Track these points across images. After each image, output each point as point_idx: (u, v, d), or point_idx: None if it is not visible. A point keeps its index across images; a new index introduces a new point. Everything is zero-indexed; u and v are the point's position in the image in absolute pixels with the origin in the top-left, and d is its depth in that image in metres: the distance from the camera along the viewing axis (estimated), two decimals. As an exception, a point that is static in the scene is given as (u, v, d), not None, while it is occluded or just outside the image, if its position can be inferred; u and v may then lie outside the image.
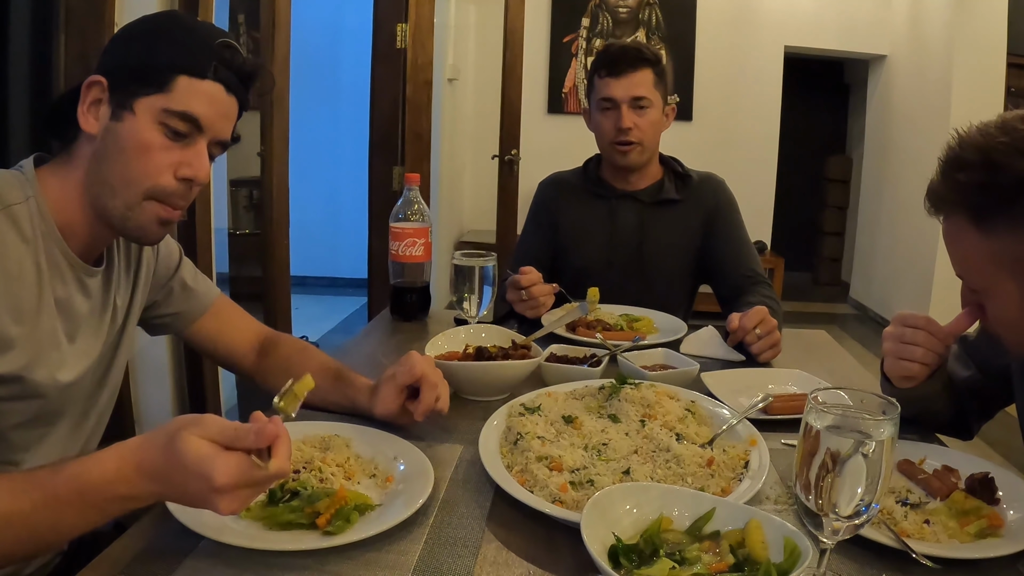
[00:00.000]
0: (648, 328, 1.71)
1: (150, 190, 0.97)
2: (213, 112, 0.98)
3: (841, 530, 0.73)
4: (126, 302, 1.13)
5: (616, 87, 1.87)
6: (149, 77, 0.95)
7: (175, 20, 1.02)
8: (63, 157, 1.01)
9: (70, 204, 0.99)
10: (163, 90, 0.95)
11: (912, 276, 5.33)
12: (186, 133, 0.97)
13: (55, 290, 0.98)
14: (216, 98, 0.98)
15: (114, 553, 0.81)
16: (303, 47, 3.79)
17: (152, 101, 0.95)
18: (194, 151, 0.98)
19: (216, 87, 0.98)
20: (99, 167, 0.97)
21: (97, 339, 1.07)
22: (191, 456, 0.74)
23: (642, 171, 1.96)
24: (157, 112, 0.95)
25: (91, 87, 0.96)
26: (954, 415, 1.24)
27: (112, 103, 0.96)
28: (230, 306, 1.31)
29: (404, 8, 3.32)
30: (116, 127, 0.96)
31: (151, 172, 0.96)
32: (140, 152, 0.96)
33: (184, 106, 0.96)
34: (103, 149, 0.97)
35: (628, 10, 5.68)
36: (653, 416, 1.11)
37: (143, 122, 0.95)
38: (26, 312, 0.93)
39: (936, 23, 5.13)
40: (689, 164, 2.04)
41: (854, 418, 0.73)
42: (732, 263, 1.91)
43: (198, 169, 0.98)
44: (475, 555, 0.83)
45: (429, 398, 1.10)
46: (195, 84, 0.96)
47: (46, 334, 0.96)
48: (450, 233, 5.34)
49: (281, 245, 3.06)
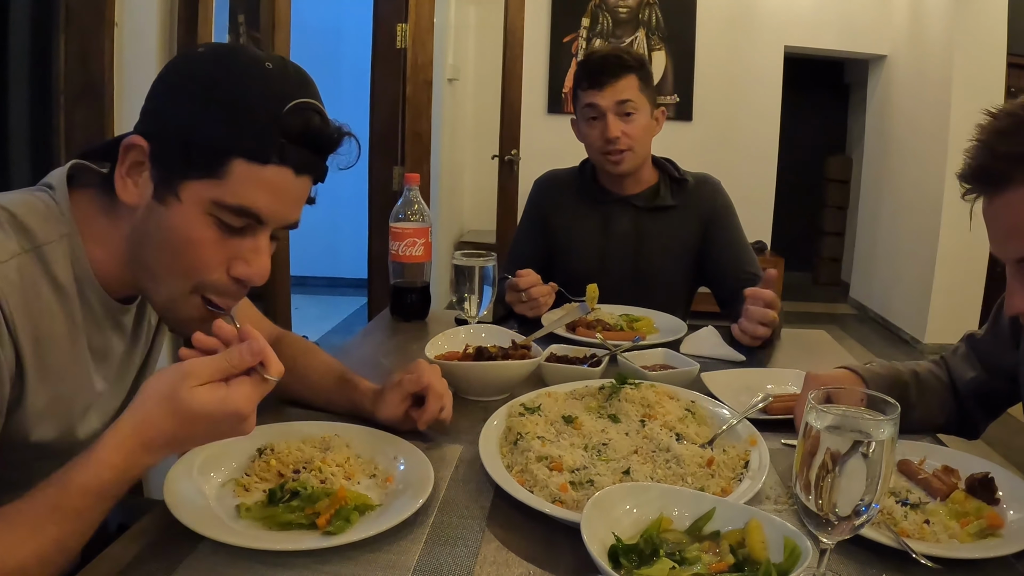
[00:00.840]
0: (648, 328, 1.71)
1: (198, 286, 0.84)
2: (277, 202, 0.82)
3: (841, 530, 0.73)
4: (156, 320, 1.06)
5: (599, 97, 1.83)
6: (199, 158, 0.78)
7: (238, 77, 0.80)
8: (102, 194, 0.85)
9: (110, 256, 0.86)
10: (215, 176, 0.79)
11: (912, 276, 5.33)
12: (242, 227, 0.82)
13: (90, 339, 0.88)
14: (282, 186, 0.82)
15: (114, 553, 0.81)
16: (303, 47, 3.78)
17: (202, 188, 0.79)
18: (253, 245, 0.83)
19: (283, 173, 0.81)
20: (140, 247, 0.83)
21: (132, 370, 1.02)
22: (211, 406, 0.73)
23: (636, 176, 1.94)
24: (207, 203, 0.80)
25: (130, 150, 0.81)
26: (960, 416, 1.23)
27: (155, 177, 0.81)
28: (245, 304, 1.25)
29: (404, 8, 3.31)
30: (159, 210, 0.81)
31: (199, 268, 0.83)
32: (187, 246, 0.81)
33: (240, 200, 0.80)
34: (144, 229, 0.82)
35: (628, 10, 5.68)
36: (653, 416, 1.11)
37: (191, 213, 0.80)
38: (57, 373, 0.84)
39: (936, 23, 5.13)
40: (689, 164, 2.02)
41: (854, 418, 0.73)
42: (730, 266, 1.90)
43: (255, 267, 0.84)
44: (475, 555, 0.83)
45: (434, 408, 1.10)
46: (255, 172, 0.79)
47: (80, 383, 0.89)
48: (450, 233, 5.34)
49: (281, 245, 3.06)
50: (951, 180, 4.71)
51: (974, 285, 4.90)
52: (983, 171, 0.90)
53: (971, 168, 0.91)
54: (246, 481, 0.94)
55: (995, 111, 0.90)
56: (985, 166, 0.89)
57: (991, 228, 0.93)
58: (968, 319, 4.62)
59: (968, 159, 0.91)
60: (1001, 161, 0.88)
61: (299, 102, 0.81)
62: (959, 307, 4.87)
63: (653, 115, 1.91)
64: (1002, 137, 0.88)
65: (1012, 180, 0.87)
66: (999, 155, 0.88)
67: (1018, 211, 0.88)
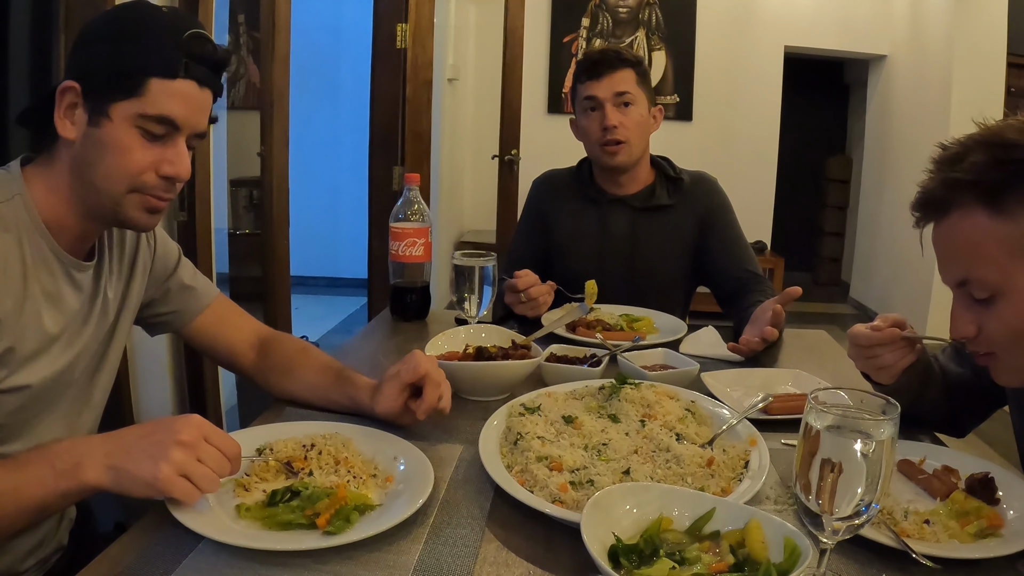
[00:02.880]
0: (648, 328, 1.71)
1: (133, 186, 1.00)
2: (188, 110, 0.99)
3: (841, 530, 0.73)
4: (119, 295, 1.14)
5: (597, 87, 1.85)
6: (121, 82, 0.96)
7: (140, 16, 1.00)
8: (46, 157, 1.02)
9: (57, 201, 1.01)
10: (136, 95, 0.96)
11: (912, 276, 5.33)
12: (163, 134, 0.99)
13: (42, 283, 0.99)
14: (190, 95, 0.99)
15: (114, 553, 0.81)
16: (303, 47, 3.79)
17: (127, 106, 0.96)
18: (173, 149, 1.00)
19: (188, 84, 0.99)
20: (82, 171, 0.99)
21: (86, 331, 1.07)
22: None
23: (632, 174, 1.93)
24: (133, 117, 0.96)
25: (65, 93, 0.97)
26: (947, 412, 1.23)
27: (87, 108, 0.97)
28: (229, 305, 1.31)
29: (404, 8, 3.31)
30: (94, 132, 0.97)
31: (133, 172, 0.99)
32: (120, 155, 0.98)
33: (159, 109, 0.97)
34: (84, 154, 0.99)
35: (628, 10, 5.68)
36: (653, 416, 1.11)
37: (120, 127, 0.97)
38: (10, 302, 0.94)
39: (936, 23, 5.13)
40: (689, 164, 2.02)
41: (854, 418, 0.73)
42: (729, 264, 1.89)
43: (179, 166, 1.01)
44: (475, 555, 0.84)
45: (432, 397, 1.11)
46: (167, 85, 0.97)
47: (30, 324, 0.97)
48: (450, 233, 5.34)
49: (281, 245, 3.06)
50: (951, 180, 4.60)
51: (974, 285, 4.90)
52: (929, 197, 0.95)
53: (919, 195, 0.96)
54: (246, 481, 0.94)
55: (947, 142, 0.95)
56: (931, 192, 0.94)
57: (937, 254, 0.98)
58: (968, 319, 4.60)
59: (918, 188, 0.96)
60: (945, 188, 0.93)
61: (194, 31, 0.99)
62: (959, 307, 4.86)
63: (651, 112, 1.91)
64: (946, 165, 0.93)
65: (952, 205, 0.92)
66: (943, 182, 0.93)
67: (957, 236, 0.93)
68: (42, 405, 1.02)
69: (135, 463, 0.83)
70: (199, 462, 0.85)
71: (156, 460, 0.83)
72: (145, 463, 0.83)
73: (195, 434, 0.86)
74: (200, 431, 0.87)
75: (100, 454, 0.84)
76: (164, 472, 0.82)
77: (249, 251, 3.44)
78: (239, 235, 4.16)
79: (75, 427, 1.09)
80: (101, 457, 0.84)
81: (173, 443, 0.84)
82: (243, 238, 4.06)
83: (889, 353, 1.13)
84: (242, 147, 3.42)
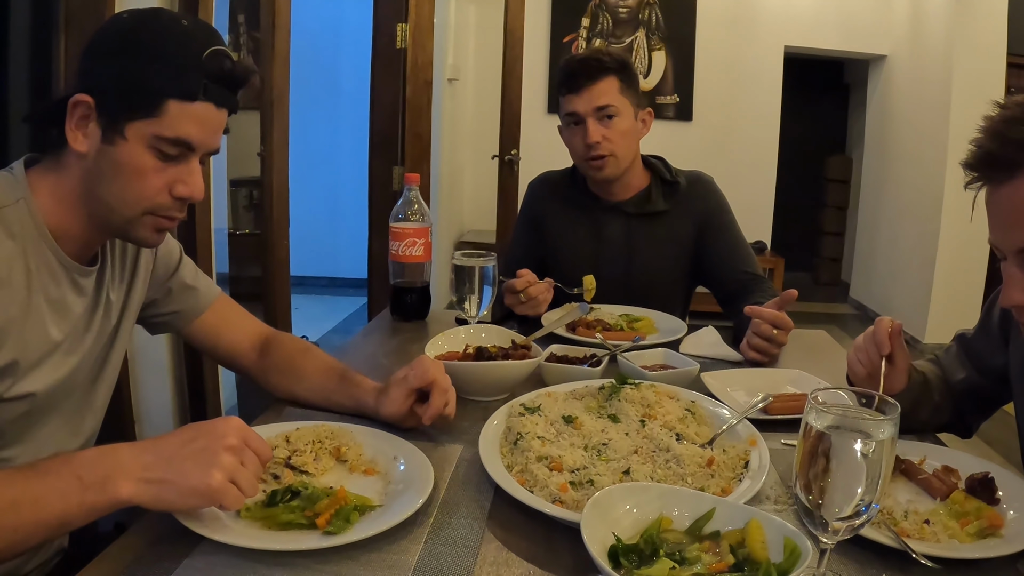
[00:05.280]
0: (648, 328, 1.71)
1: (147, 209, 0.98)
2: (205, 132, 0.98)
3: (841, 530, 0.73)
4: (121, 298, 1.13)
5: (578, 102, 1.78)
6: (138, 101, 0.93)
7: (160, 31, 0.96)
8: (53, 162, 1.00)
9: (64, 210, 0.99)
10: (153, 116, 0.94)
11: (912, 276, 5.33)
12: (178, 156, 0.97)
13: (46, 291, 0.98)
14: (207, 118, 0.97)
15: (114, 553, 0.81)
16: (303, 47, 3.79)
17: (143, 126, 0.94)
18: (187, 169, 0.99)
19: (207, 107, 0.97)
20: (94, 186, 0.97)
21: (89, 336, 1.07)
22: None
23: (623, 182, 1.88)
24: (149, 137, 0.95)
25: (77, 105, 0.95)
26: (953, 415, 1.23)
27: (101, 124, 0.95)
28: (231, 305, 1.31)
29: (404, 8, 3.32)
30: (108, 150, 0.95)
31: (148, 194, 0.97)
32: (135, 178, 0.96)
33: (176, 132, 0.95)
34: (96, 170, 0.96)
35: (628, 10, 5.68)
36: (653, 416, 1.11)
37: (135, 148, 0.95)
38: (14, 310, 0.93)
39: (936, 23, 5.13)
40: (689, 164, 1.99)
41: (854, 418, 0.73)
42: (728, 266, 1.87)
43: (193, 187, 1.00)
44: (475, 555, 0.83)
45: (439, 403, 1.11)
46: (185, 108, 0.95)
47: (35, 332, 0.96)
48: (450, 233, 5.34)
49: (281, 245, 3.06)
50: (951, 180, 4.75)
51: (974, 285, 4.90)
52: (991, 158, 0.89)
53: (978, 155, 0.90)
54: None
55: (1004, 101, 0.90)
56: (993, 153, 0.88)
57: (994, 217, 0.92)
58: (968, 319, 4.57)
59: (975, 147, 0.90)
60: (1010, 147, 0.87)
61: (214, 49, 0.96)
62: (959, 307, 4.86)
63: (638, 117, 1.85)
64: (1012, 124, 0.87)
65: (1020, 167, 0.87)
66: (1008, 141, 0.87)
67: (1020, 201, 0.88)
68: (46, 411, 1.02)
69: (181, 473, 0.80)
70: (243, 467, 0.83)
71: (207, 467, 0.80)
72: (194, 472, 0.80)
73: (240, 438, 0.84)
74: (242, 435, 0.85)
75: (135, 467, 0.80)
76: (217, 479, 0.79)
77: (249, 251, 3.44)
78: (239, 235, 4.17)
79: (78, 431, 1.09)
80: (137, 471, 0.79)
81: (222, 448, 0.82)
82: (243, 238, 4.07)
83: None
84: (242, 147, 3.43)
